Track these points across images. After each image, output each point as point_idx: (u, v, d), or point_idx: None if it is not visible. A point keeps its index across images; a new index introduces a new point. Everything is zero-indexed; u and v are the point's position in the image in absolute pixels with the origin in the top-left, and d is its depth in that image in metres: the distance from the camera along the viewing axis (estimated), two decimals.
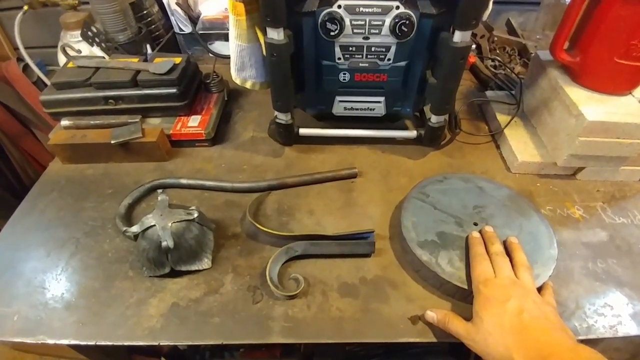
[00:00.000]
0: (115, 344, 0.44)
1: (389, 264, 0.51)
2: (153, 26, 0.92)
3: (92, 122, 0.65)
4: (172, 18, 0.91)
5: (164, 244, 0.47)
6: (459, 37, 0.50)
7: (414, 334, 0.44)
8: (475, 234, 0.48)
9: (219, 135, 0.70)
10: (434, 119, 0.62)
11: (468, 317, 0.42)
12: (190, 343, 0.44)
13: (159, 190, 0.53)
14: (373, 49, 0.56)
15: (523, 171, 0.63)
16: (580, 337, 0.44)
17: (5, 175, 1.13)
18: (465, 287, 0.44)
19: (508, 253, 0.46)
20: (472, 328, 0.40)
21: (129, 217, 0.56)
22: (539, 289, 0.44)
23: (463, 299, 0.46)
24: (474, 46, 0.88)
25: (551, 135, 0.61)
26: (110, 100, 0.64)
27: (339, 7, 0.51)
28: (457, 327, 0.41)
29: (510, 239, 0.48)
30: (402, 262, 0.51)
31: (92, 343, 0.44)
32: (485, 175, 0.62)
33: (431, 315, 0.44)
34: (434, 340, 0.43)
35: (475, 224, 0.51)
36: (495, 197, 0.55)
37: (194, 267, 0.49)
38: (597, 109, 0.54)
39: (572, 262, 0.51)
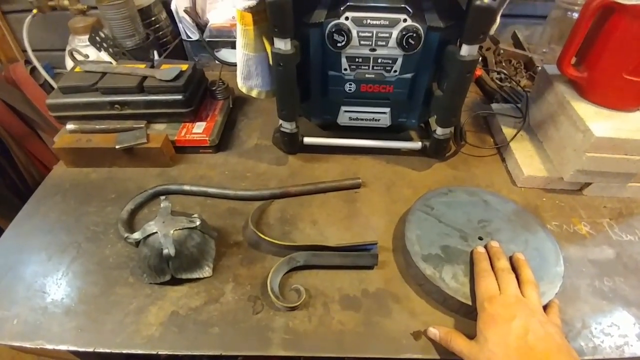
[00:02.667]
0: (113, 351, 0.43)
1: (391, 277, 0.50)
2: (161, 33, 0.93)
3: (97, 126, 0.65)
4: (179, 25, 0.92)
5: (165, 251, 0.46)
6: (466, 50, 0.50)
7: (416, 350, 0.43)
8: (481, 249, 0.48)
9: (223, 142, 0.70)
10: (440, 131, 0.62)
11: (472, 334, 0.41)
12: (189, 353, 0.43)
13: (162, 197, 0.53)
14: (379, 60, 0.56)
15: (529, 185, 0.63)
16: (587, 358, 0.43)
17: (10, 176, 1.13)
18: (470, 303, 0.44)
19: (514, 269, 0.45)
20: (476, 347, 0.39)
21: (131, 223, 0.56)
22: (545, 307, 0.43)
23: (467, 315, 0.45)
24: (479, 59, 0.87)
25: (557, 150, 0.61)
26: (116, 106, 0.64)
27: (347, 19, 0.51)
28: (460, 345, 0.40)
29: (516, 255, 0.47)
30: (405, 275, 0.50)
31: (91, 350, 0.43)
32: (491, 189, 0.62)
33: (433, 332, 0.43)
34: (437, 357, 0.43)
35: (481, 239, 0.50)
36: (501, 211, 0.54)
37: (194, 275, 0.49)
38: (605, 124, 0.54)
39: (578, 280, 0.50)
